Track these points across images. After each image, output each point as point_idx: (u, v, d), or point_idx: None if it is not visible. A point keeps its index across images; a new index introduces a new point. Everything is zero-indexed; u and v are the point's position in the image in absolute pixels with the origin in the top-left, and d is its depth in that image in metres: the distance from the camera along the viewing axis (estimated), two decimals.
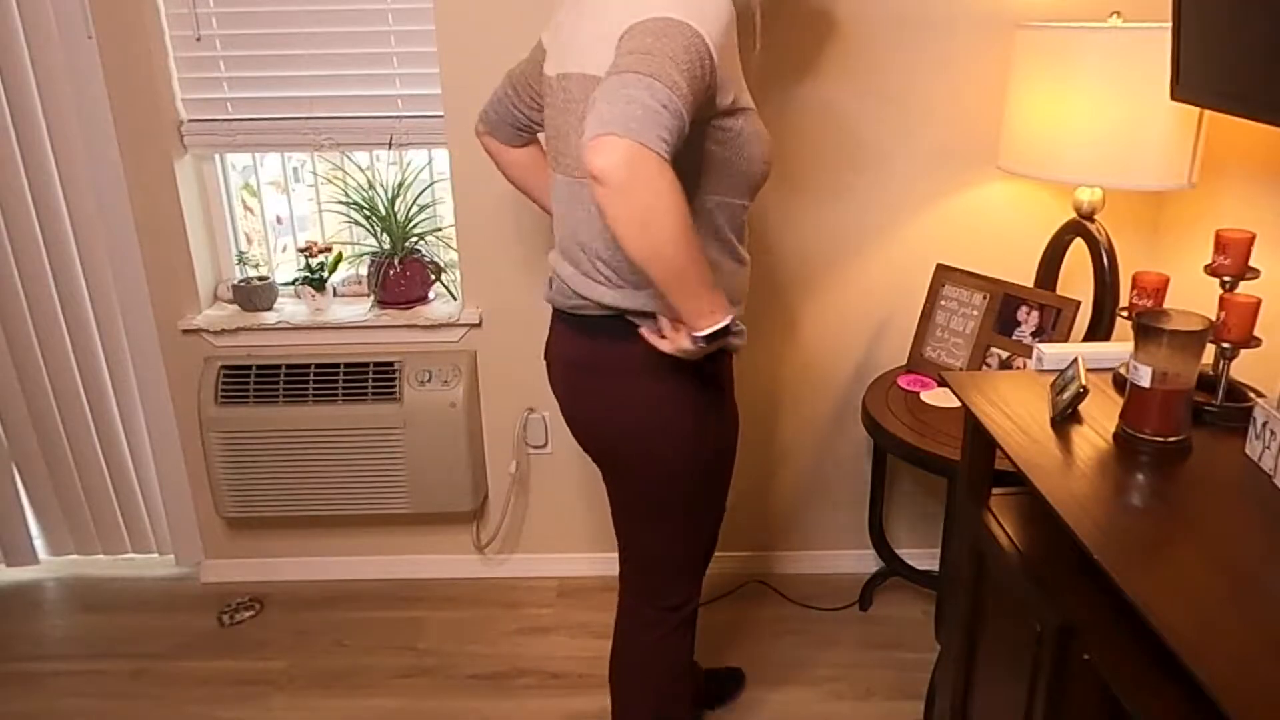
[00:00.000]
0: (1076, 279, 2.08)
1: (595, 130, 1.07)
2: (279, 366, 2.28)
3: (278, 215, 2.42)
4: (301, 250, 2.30)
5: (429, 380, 2.26)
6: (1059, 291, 2.01)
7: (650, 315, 1.33)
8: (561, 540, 2.51)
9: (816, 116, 2.12)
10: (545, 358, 1.56)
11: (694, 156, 1.28)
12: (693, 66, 1.13)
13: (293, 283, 2.38)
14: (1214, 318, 1.28)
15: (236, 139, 2.19)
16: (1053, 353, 1.50)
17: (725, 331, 1.21)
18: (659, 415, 1.38)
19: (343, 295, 2.41)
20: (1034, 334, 1.95)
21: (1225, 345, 1.32)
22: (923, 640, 2.25)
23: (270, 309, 2.34)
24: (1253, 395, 1.35)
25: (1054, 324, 1.93)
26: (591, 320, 1.38)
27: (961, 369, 2.06)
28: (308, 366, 2.28)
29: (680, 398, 1.38)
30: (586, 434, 1.47)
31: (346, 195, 2.28)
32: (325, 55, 2.13)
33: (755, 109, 1.34)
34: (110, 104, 2.11)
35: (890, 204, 2.18)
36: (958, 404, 1.94)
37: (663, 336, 1.27)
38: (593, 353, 1.40)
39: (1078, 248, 1.97)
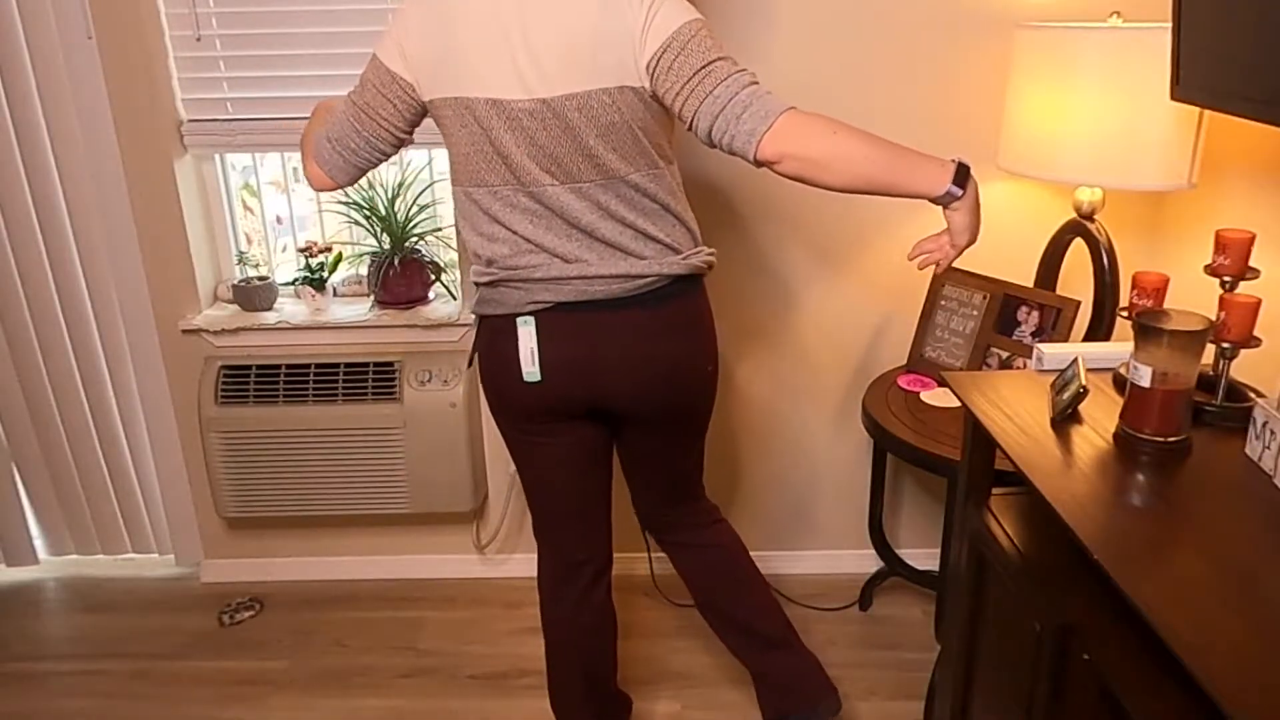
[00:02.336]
0: (1076, 279, 2.08)
1: (757, 130, 1.30)
2: (279, 366, 2.28)
3: (278, 215, 2.42)
4: (301, 250, 2.31)
5: (429, 380, 2.26)
6: (1059, 291, 2.02)
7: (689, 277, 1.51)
8: None
9: None
10: (560, 363, 1.48)
11: (669, 127, 1.45)
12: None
13: (293, 283, 2.38)
14: (1214, 318, 1.28)
15: (236, 139, 2.19)
16: (1053, 353, 1.50)
17: (967, 170, 1.34)
18: (713, 342, 1.59)
19: (343, 295, 2.41)
20: (1034, 334, 1.95)
21: (1225, 345, 1.32)
22: (923, 640, 2.25)
23: (270, 309, 2.34)
24: (1253, 395, 1.35)
25: (1054, 324, 1.93)
26: (661, 290, 1.48)
27: (961, 369, 2.06)
28: (308, 366, 2.28)
29: (713, 320, 1.59)
30: (677, 392, 1.54)
31: (346, 195, 2.28)
32: (325, 55, 2.13)
33: None
34: (110, 104, 2.11)
35: (890, 204, 2.18)
36: (958, 404, 1.94)
37: (929, 251, 1.47)
38: (678, 311, 1.50)
39: (1078, 248, 1.97)
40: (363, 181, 2.28)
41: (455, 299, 2.37)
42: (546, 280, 1.44)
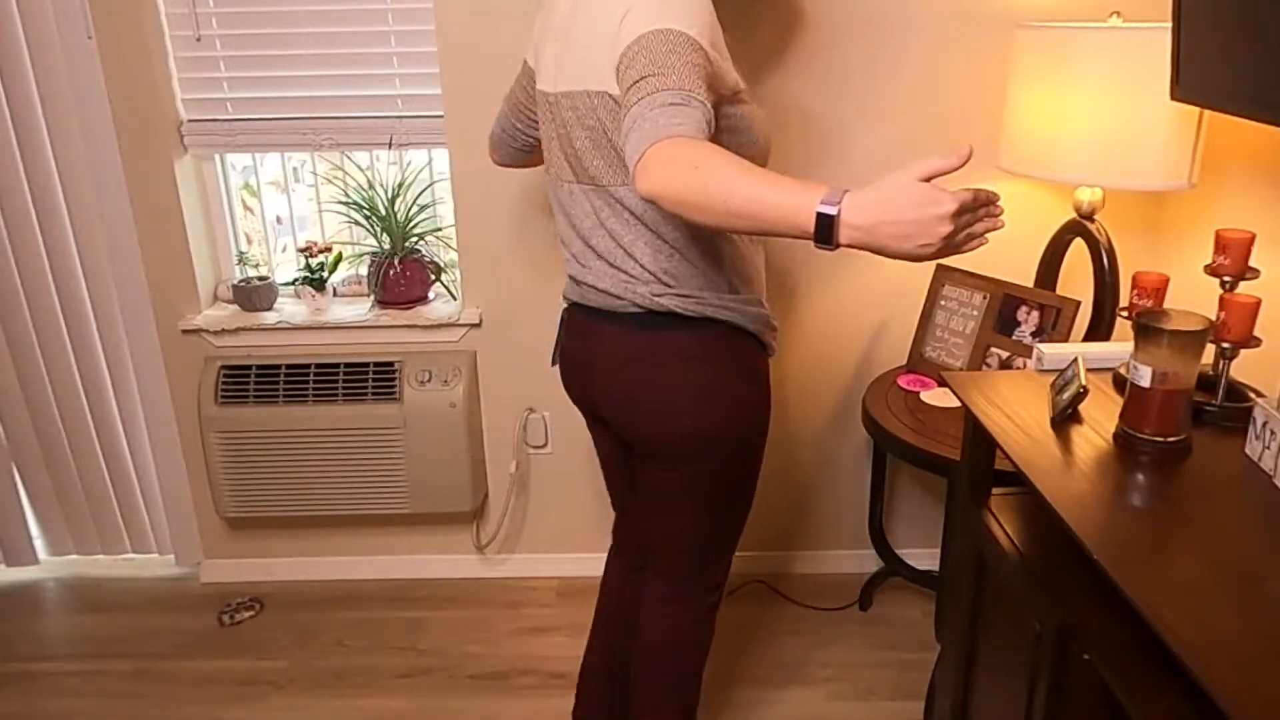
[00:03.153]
0: (1076, 279, 2.08)
1: (633, 160, 1.10)
2: (279, 366, 2.28)
3: (278, 215, 2.42)
4: (301, 250, 2.31)
5: (429, 380, 2.26)
6: (1059, 291, 2.02)
7: (690, 318, 1.38)
8: (561, 540, 2.51)
9: (817, 117, 2.12)
10: (567, 359, 1.54)
11: None
12: (696, 66, 1.17)
13: (293, 283, 2.38)
14: (1214, 318, 1.28)
15: (236, 139, 2.19)
16: (1053, 353, 1.50)
17: (830, 224, 1.00)
18: (711, 400, 1.42)
19: (343, 295, 2.41)
20: (1034, 334, 1.95)
21: (1225, 345, 1.32)
22: (923, 640, 2.25)
23: (270, 309, 2.34)
24: (1253, 395, 1.35)
25: (1054, 324, 1.93)
26: (640, 315, 1.41)
27: (961, 369, 2.06)
28: (308, 366, 2.28)
29: (727, 383, 1.42)
30: (637, 425, 1.46)
31: (346, 195, 2.28)
32: (325, 55, 2.13)
33: (748, 88, 1.40)
34: (110, 104, 2.11)
35: None
36: (958, 404, 1.94)
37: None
38: (647, 343, 1.41)
39: (1078, 248, 1.97)
40: (363, 181, 2.29)
41: (455, 299, 2.37)
42: (570, 277, 1.50)
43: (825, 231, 0.99)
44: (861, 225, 0.98)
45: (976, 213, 0.99)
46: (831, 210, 0.99)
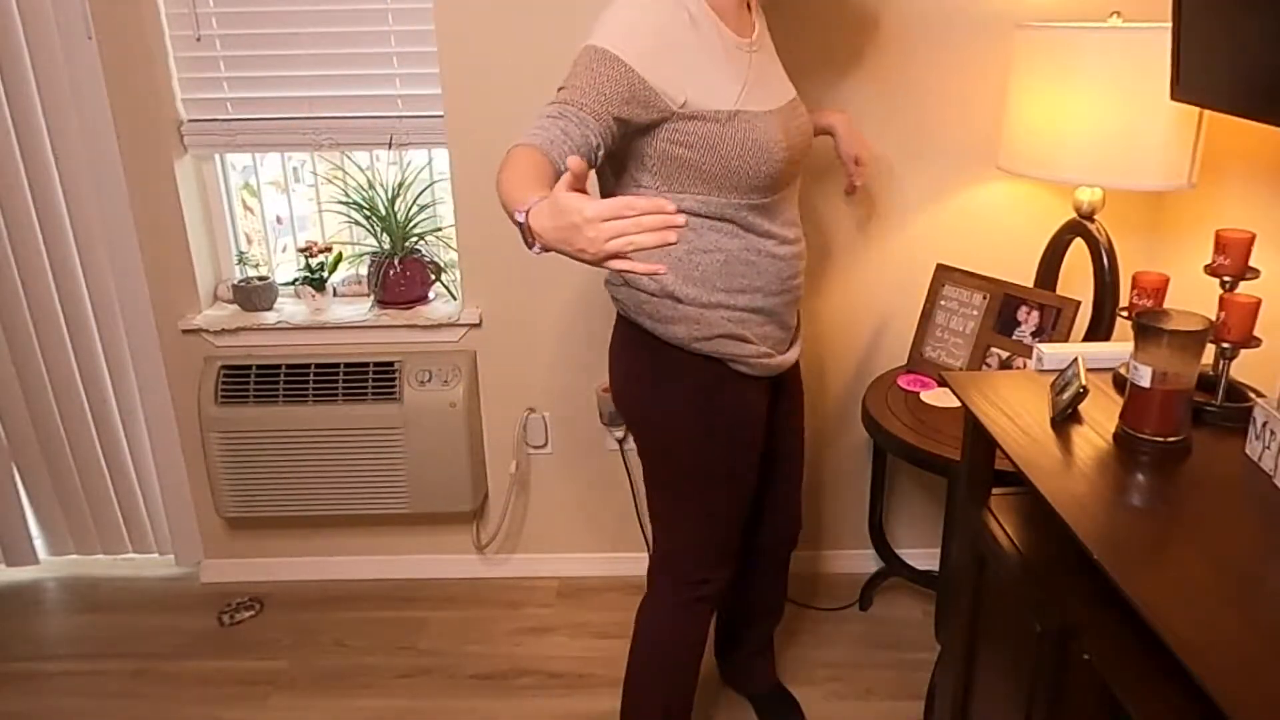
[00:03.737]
0: (1076, 279, 2.08)
1: None
2: (279, 366, 2.28)
3: (278, 215, 2.42)
4: (301, 250, 2.31)
5: (429, 380, 2.26)
6: (1059, 291, 2.02)
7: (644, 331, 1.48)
8: (561, 540, 2.51)
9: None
10: None
11: (656, 158, 1.36)
12: (600, 84, 1.25)
13: (293, 283, 2.38)
14: (1214, 318, 1.28)
15: (236, 139, 2.19)
16: (1053, 353, 1.50)
17: (523, 226, 1.09)
18: (648, 394, 1.52)
19: (343, 295, 2.41)
20: (1034, 334, 1.95)
21: (1225, 345, 1.32)
22: (923, 640, 2.25)
23: (270, 309, 2.34)
24: (1253, 395, 1.35)
25: (1054, 324, 1.93)
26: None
27: (961, 369, 2.06)
28: (308, 366, 2.28)
29: (652, 381, 1.51)
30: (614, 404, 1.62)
31: (346, 195, 2.28)
32: (325, 55, 2.13)
33: (744, 112, 1.37)
34: (110, 104, 2.11)
35: (890, 204, 2.18)
36: (958, 404, 1.94)
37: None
38: (622, 325, 1.55)
39: (1078, 248, 1.97)
40: (363, 181, 2.29)
41: (455, 299, 2.37)
42: None
43: (523, 235, 1.08)
44: (540, 231, 1.04)
45: (639, 221, 0.98)
46: (521, 217, 1.07)
